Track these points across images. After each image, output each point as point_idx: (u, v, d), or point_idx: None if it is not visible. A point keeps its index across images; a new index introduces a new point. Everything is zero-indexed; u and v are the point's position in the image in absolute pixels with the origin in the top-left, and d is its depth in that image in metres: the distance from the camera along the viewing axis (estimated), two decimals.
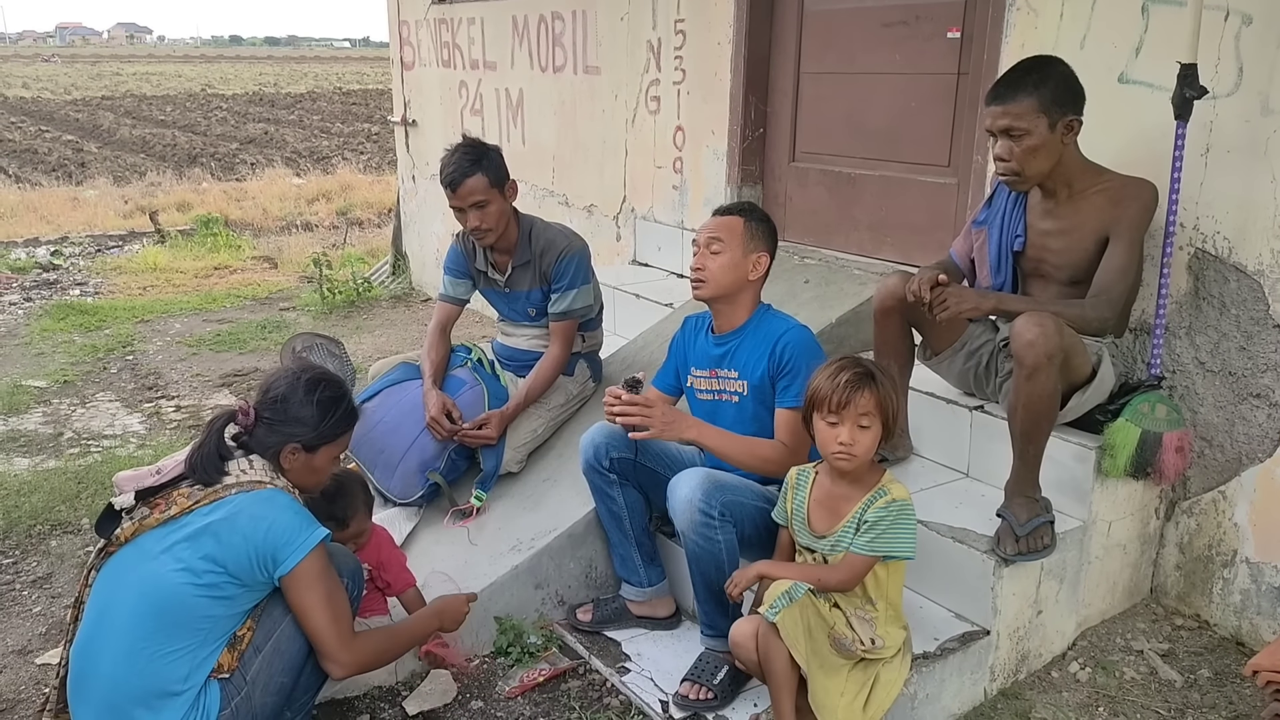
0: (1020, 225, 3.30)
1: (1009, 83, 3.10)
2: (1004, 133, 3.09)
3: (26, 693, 3.26)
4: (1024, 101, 3.04)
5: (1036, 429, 2.99)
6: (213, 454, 2.62)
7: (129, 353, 6.99)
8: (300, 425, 2.71)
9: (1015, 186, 3.22)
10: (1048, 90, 3.03)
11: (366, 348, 7.02)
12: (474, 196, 3.74)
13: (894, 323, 3.37)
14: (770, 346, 3.09)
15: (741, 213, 3.20)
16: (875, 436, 2.67)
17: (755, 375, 3.13)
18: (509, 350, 4.20)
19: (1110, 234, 3.10)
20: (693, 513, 2.91)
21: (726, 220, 3.18)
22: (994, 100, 3.11)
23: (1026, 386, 2.92)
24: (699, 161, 5.45)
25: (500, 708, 3.12)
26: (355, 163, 19.01)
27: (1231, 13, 3.14)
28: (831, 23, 4.77)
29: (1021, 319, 2.94)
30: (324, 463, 2.81)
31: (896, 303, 3.30)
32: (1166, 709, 3.06)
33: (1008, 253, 3.33)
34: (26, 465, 4.95)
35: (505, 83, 7.13)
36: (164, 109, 32.43)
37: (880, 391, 2.64)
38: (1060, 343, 2.89)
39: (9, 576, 3.94)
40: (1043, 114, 3.03)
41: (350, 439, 2.90)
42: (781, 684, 2.63)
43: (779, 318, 3.20)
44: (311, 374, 2.79)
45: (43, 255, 10.36)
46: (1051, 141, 3.07)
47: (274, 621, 2.63)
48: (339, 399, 2.79)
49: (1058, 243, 3.21)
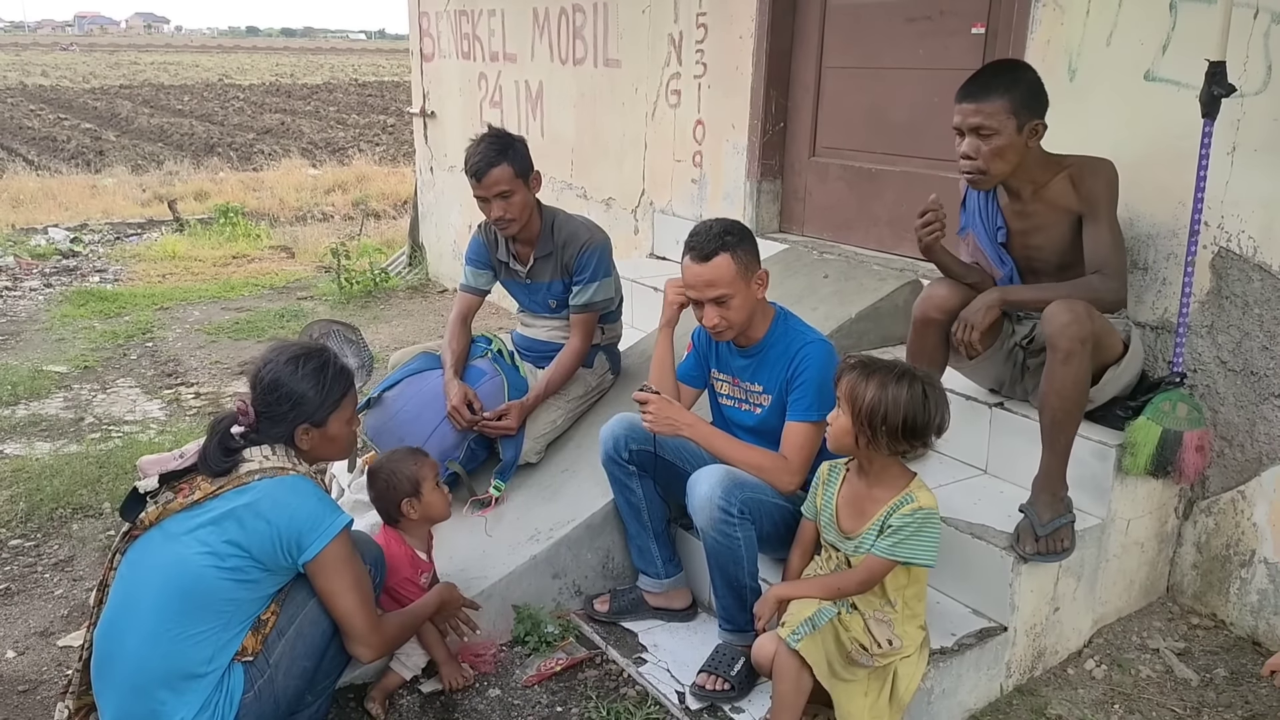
0: (999, 218, 3.31)
1: (981, 82, 3.12)
2: (973, 131, 3.10)
3: (49, 674, 3.29)
4: (996, 102, 3.05)
5: (1068, 417, 2.99)
6: (217, 453, 2.61)
7: (148, 339, 7.03)
8: (300, 405, 2.70)
9: (977, 185, 3.23)
10: (1018, 93, 3.06)
11: (384, 338, 7.04)
12: (499, 186, 3.74)
13: (934, 333, 3.33)
14: (789, 360, 3.09)
15: (722, 248, 3.01)
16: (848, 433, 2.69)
17: (777, 390, 3.13)
18: (529, 341, 4.21)
19: (1083, 214, 3.14)
20: (712, 510, 2.92)
21: (716, 267, 3.00)
22: (966, 98, 3.12)
23: (1061, 371, 2.92)
24: (719, 155, 5.45)
25: (517, 696, 3.13)
26: (371, 154, 19.06)
27: (1261, 10, 3.13)
28: (855, 17, 4.76)
29: (1053, 306, 2.96)
30: (338, 430, 2.80)
31: (941, 315, 3.29)
32: (1182, 707, 3.05)
33: (998, 245, 3.33)
34: (48, 449, 4.99)
35: (525, 75, 7.13)
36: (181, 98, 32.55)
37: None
38: (1092, 326, 2.91)
39: (31, 559, 3.97)
40: (1012, 116, 3.05)
41: (355, 397, 2.88)
42: (784, 706, 2.65)
43: (798, 330, 3.16)
44: (289, 353, 2.75)
45: (63, 242, 10.40)
46: (1017, 143, 3.08)
47: (298, 605, 2.65)
48: (324, 365, 2.76)
49: (1037, 239, 3.24)
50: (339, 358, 2.83)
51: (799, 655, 2.58)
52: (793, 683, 2.61)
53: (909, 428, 2.60)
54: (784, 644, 2.61)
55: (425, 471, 3.23)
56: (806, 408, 3.00)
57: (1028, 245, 3.26)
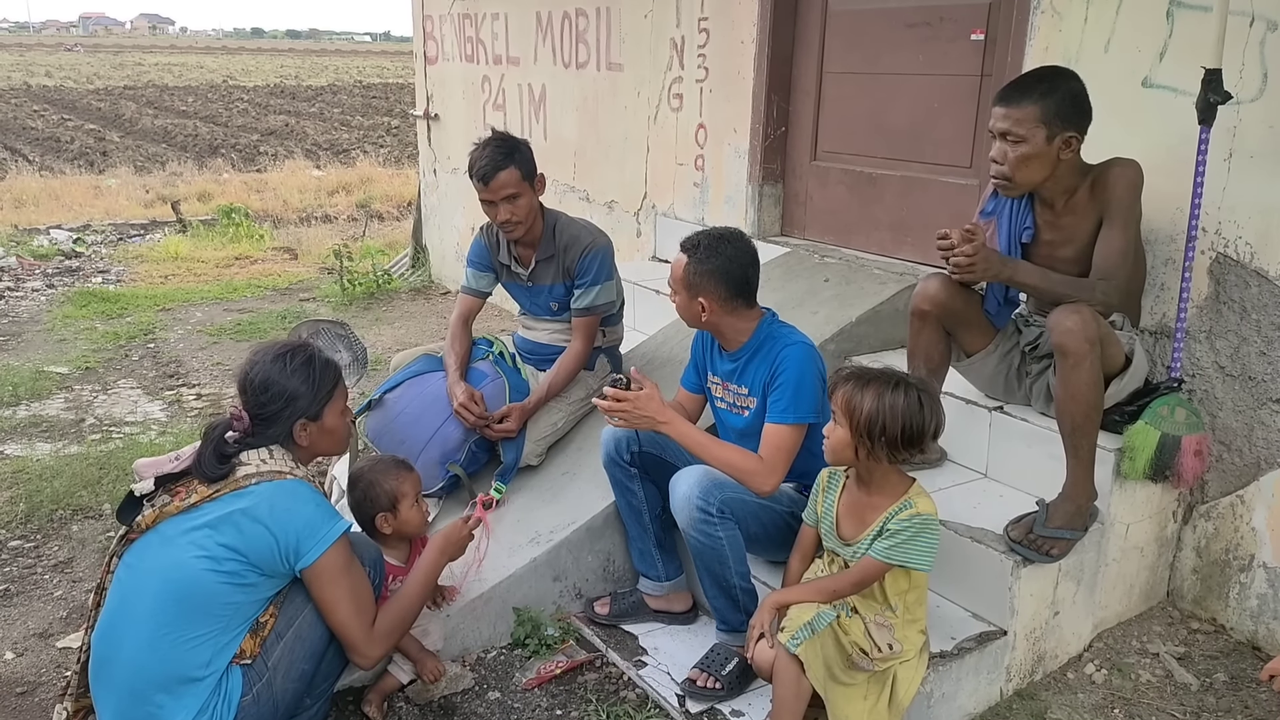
0: (1029, 218, 3.27)
1: (1018, 86, 3.09)
2: (1002, 135, 3.08)
3: (47, 676, 3.29)
4: (1027, 108, 3.01)
5: (1088, 420, 2.97)
6: (212, 460, 2.61)
7: (150, 340, 7.04)
8: (294, 401, 2.70)
9: (1005, 192, 3.20)
10: (1053, 102, 3.00)
11: (386, 339, 7.05)
12: (506, 189, 3.74)
13: (929, 326, 3.35)
14: (771, 363, 3.08)
15: (685, 250, 3.12)
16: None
17: (760, 392, 3.12)
18: (530, 344, 4.22)
19: (1103, 216, 3.09)
20: (691, 510, 2.93)
21: (675, 269, 3.13)
22: (1000, 101, 3.09)
23: (1073, 376, 2.91)
24: (720, 159, 5.46)
25: (517, 699, 3.14)
26: (375, 156, 19.06)
27: (1257, 18, 3.14)
28: (855, 23, 4.77)
29: (1057, 311, 2.95)
30: (334, 422, 2.81)
31: (934, 307, 3.30)
32: (1182, 712, 3.06)
33: (1017, 243, 3.30)
34: (48, 450, 5.00)
35: (528, 78, 7.14)
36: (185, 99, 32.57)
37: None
38: (1098, 329, 2.90)
39: (30, 560, 3.98)
40: (1042, 124, 3.00)
41: (345, 388, 2.88)
42: (784, 710, 2.65)
43: (781, 333, 3.14)
44: (273, 352, 2.75)
45: (65, 242, 10.42)
46: (1046, 154, 3.04)
47: (296, 609, 2.65)
48: (311, 359, 2.76)
49: (1065, 250, 3.20)
50: (322, 350, 2.84)
51: (799, 660, 2.58)
52: (793, 687, 2.62)
53: (908, 436, 2.60)
54: (784, 648, 2.61)
55: (405, 487, 3.21)
56: (783, 409, 2.99)
57: (1054, 255, 3.21)
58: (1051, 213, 3.21)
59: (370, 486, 3.18)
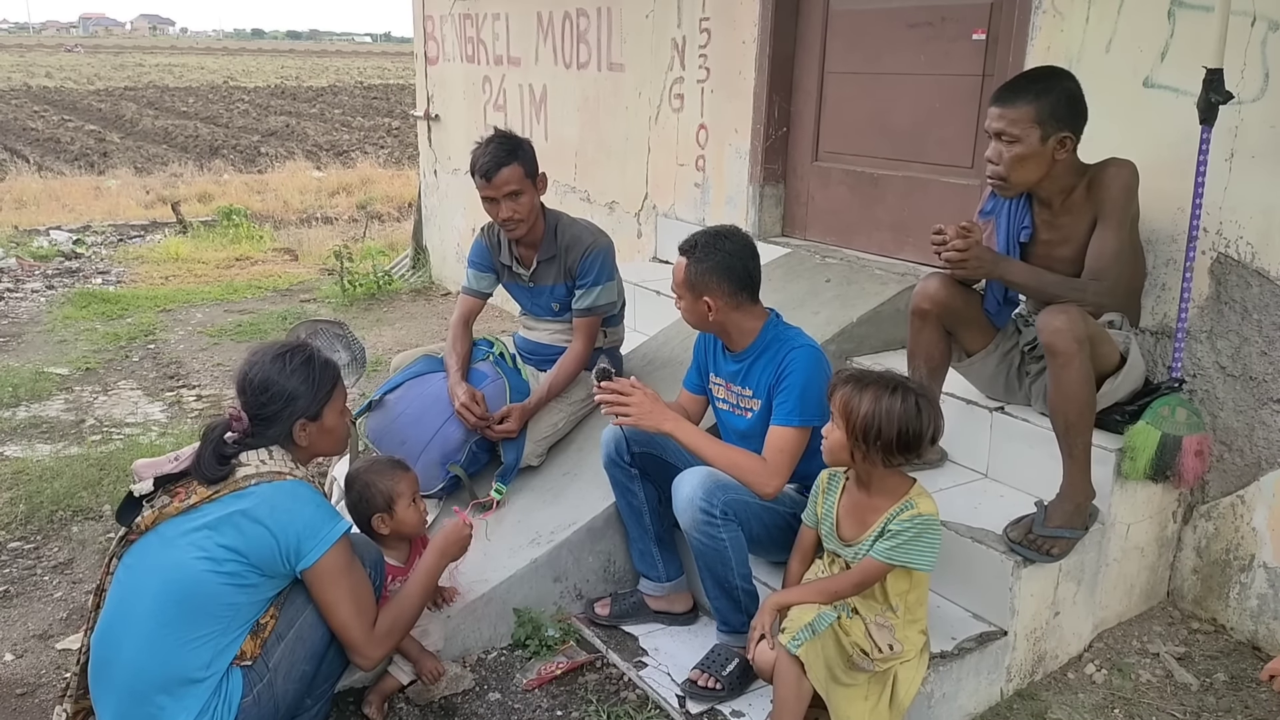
0: (1027, 218, 3.27)
1: (1013, 87, 3.09)
2: (997, 135, 3.08)
3: (47, 677, 3.29)
4: (1022, 108, 3.01)
5: (1080, 419, 2.97)
6: (211, 461, 2.60)
7: (151, 341, 7.04)
8: (294, 401, 2.69)
9: (1000, 192, 3.20)
10: (1048, 102, 3.01)
11: (387, 340, 7.05)
12: (509, 186, 3.74)
13: (930, 325, 3.35)
14: (777, 365, 3.08)
15: (684, 252, 3.13)
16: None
17: (765, 394, 3.12)
18: (531, 344, 4.22)
19: (1097, 216, 3.09)
20: (694, 512, 2.92)
21: (676, 273, 3.14)
22: (995, 101, 3.09)
23: (1063, 375, 2.92)
24: (721, 160, 5.46)
25: (517, 699, 3.14)
26: (375, 157, 19.09)
27: (1258, 18, 3.14)
28: (857, 23, 4.77)
29: (1045, 311, 2.95)
30: (334, 421, 2.80)
31: (934, 306, 3.30)
32: (1182, 712, 3.06)
33: (1015, 243, 3.30)
34: (49, 451, 5.00)
35: (529, 79, 7.14)
36: (186, 100, 32.60)
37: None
38: (1086, 328, 2.89)
39: (30, 561, 3.98)
40: (1037, 125, 3.00)
41: (344, 387, 2.88)
42: (785, 711, 2.65)
43: (787, 335, 3.14)
44: (272, 352, 2.74)
45: (65, 243, 10.42)
46: (1041, 154, 3.04)
47: (296, 609, 2.65)
48: (309, 358, 2.76)
49: (1062, 250, 3.19)
50: (320, 350, 2.83)
51: (800, 661, 2.58)
52: (793, 688, 2.61)
53: (903, 441, 2.60)
54: (785, 649, 2.61)
55: (402, 488, 3.20)
56: (789, 412, 2.99)
57: (1051, 255, 3.21)
58: (1049, 213, 3.21)
59: (366, 487, 3.18)
